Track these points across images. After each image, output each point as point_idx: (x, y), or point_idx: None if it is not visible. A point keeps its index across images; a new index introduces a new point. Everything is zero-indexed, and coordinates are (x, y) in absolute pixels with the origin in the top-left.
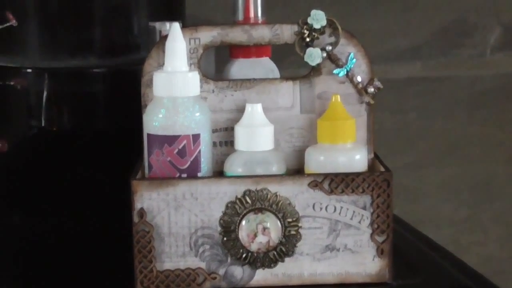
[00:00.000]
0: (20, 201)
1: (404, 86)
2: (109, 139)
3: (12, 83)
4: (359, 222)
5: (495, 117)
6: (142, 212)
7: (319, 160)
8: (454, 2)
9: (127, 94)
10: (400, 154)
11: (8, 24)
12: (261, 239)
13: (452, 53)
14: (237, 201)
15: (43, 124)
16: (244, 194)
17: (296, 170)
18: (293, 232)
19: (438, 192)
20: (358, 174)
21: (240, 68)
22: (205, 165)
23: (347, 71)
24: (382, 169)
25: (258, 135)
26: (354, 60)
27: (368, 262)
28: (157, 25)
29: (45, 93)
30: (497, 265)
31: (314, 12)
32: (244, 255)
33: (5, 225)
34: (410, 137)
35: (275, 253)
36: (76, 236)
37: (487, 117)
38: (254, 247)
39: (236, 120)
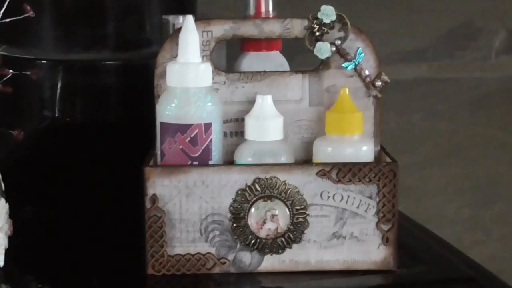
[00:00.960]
0: (34, 191)
1: (410, 87)
2: (121, 129)
3: (28, 72)
4: (365, 211)
5: (499, 118)
6: (154, 198)
7: (327, 151)
8: (460, 6)
9: (139, 87)
10: (405, 154)
11: (25, 15)
12: (270, 226)
13: (457, 55)
14: (247, 188)
15: (56, 115)
16: (254, 182)
17: (304, 161)
18: (301, 220)
19: (442, 192)
20: (365, 164)
21: (251, 61)
22: (216, 154)
23: (355, 65)
24: (389, 160)
25: (268, 126)
26: (362, 54)
27: (374, 250)
28: (171, 18)
29: (59, 85)
30: (499, 264)
31: (324, 7)
32: (253, 241)
33: (19, 214)
34: (415, 137)
35: (283, 239)
36: (89, 225)
37: (491, 119)
38: (262, 233)
39: (247, 111)
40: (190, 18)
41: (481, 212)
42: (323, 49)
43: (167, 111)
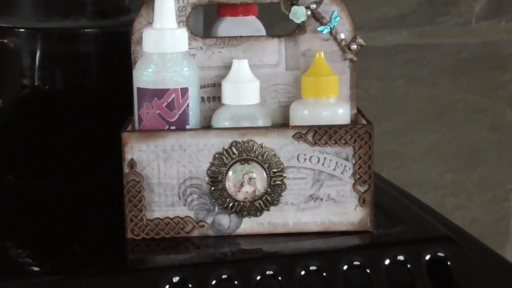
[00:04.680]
0: (14, 160)
1: (391, 53)
2: (100, 97)
3: (5, 40)
4: (342, 172)
5: (480, 84)
6: (132, 163)
7: (303, 114)
8: None
9: (117, 54)
10: (387, 120)
11: None
12: (247, 188)
13: (438, 21)
14: (224, 152)
15: (36, 83)
16: (231, 145)
17: (282, 125)
18: (278, 182)
19: (423, 157)
20: (340, 126)
21: (227, 26)
22: (193, 118)
23: (331, 29)
24: (365, 122)
25: (245, 90)
26: (338, 18)
27: (350, 211)
28: None
29: (38, 53)
30: (480, 228)
31: None
32: (231, 204)
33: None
34: (397, 103)
35: (261, 202)
36: (69, 192)
37: (472, 84)
38: (240, 196)
39: (223, 76)
40: None
41: (463, 176)
42: (298, 13)
43: (144, 76)
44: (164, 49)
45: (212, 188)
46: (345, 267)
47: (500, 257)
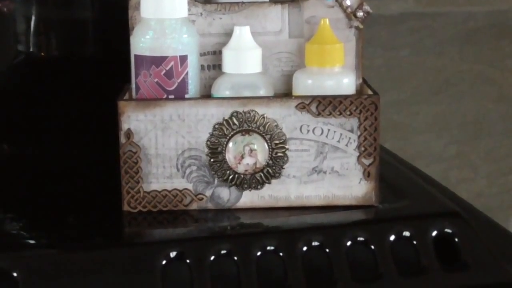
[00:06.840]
0: (8, 128)
1: (397, 22)
2: (96, 64)
3: None
4: (346, 144)
5: (487, 54)
6: (129, 133)
7: (306, 84)
8: None
9: (115, 20)
10: (391, 90)
11: None
12: (248, 160)
13: None
14: (224, 122)
15: (31, 49)
16: (232, 115)
17: (284, 95)
18: (280, 154)
19: (428, 129)
20: (345, 97)
21: None
22: (193, 87)
23: None
24: (370, 93)
25: (246, 58)
26: None
27: (355, 185)
28: None
29: (33, 18)
30: (485, 201)
31: None
32: (231, 177)
33: None
34: (402, 73)
35: (262, 174)
36: (64, 162)
37: (479, 54)
38: (241, 168)
39: (224, 44)
40: None
41: (468, 148)
42: None
43: (142, 43)
44: (163, 14)
45: (212, 160)
46: (348, 243)
47: (507, 232)
